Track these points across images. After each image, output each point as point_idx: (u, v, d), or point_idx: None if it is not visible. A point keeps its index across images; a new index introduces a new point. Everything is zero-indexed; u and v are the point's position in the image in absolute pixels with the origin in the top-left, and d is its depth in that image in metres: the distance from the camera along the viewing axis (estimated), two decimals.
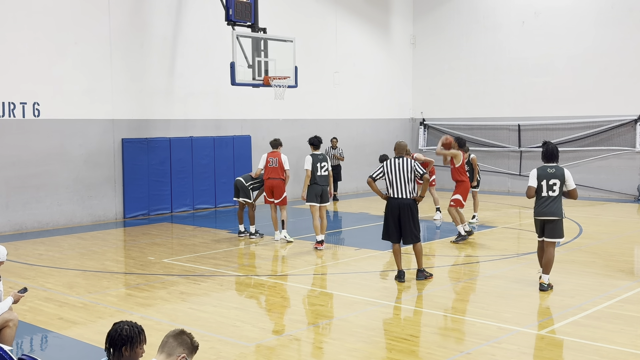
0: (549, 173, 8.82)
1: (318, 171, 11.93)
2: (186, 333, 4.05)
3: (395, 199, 9.36)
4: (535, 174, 8.87)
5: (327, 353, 6.66)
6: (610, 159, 19.32)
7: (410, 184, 9.32)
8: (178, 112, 16.86)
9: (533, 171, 8.95)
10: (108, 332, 4.00)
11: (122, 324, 4.01)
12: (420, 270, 9.55)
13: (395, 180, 9.30)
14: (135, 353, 3.98)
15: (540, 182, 8.81)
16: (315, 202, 11.93)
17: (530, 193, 8.90)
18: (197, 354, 6.76)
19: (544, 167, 8.90)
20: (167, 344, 3.99)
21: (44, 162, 14.39)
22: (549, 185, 8.80)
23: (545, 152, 8.95)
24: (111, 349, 3.96)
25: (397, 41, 23.04)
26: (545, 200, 8.83)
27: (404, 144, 9.73)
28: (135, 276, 10.11)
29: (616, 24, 19.09)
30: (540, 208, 8.89)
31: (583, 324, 7.47)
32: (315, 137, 12.35)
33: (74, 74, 14.78)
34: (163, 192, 16.44)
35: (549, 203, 8.82)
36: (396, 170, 9.29)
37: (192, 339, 4.05)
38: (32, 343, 7.16)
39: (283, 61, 15.04)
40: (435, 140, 22.91)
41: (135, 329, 4.00)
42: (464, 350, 6.65)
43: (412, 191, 9.33)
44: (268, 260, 11.41)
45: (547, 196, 8.82)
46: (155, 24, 16.23)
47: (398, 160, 9.37)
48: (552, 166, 8.88)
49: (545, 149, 8.99)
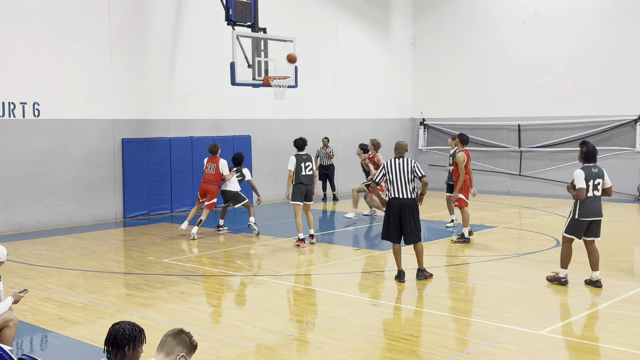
0: (593, 173, 8.86)
1: (303, 171, 12.11)
2: (185, 332, 4.06)
3: (396, 199, 9.34)
4: (582, 175, 8.82)
5: (327, 353, 6.66)
6: (610, 159, 19.31)
7: (411, 184, 9.31)
8: (178, 112, 16.86)
9: (579, 172, 8.87)
10: (108, 332, 4.00)
11: (123, 324, 4.02)
12: (420, 270, 9.56)
13: (396, 180, 9.30)
14: (137, 352, 4.00)
15: (588, 183, 8.81)
16: (299, 200, 12.11)
17: (583, 194, 8.80)
18: (196, 354, 6.76)
19: (588, 167, 8.91)
20: (166, 343, 3.99)
21: (44, 162, 14.39)
22: (594, 185, 8.84)
23: (587, 153, 8.95)
24: (112, 349, 3.96)
25: (397, 41, 23.04)
26: (592, 200, 8.85)
27: (405, 143, 9.69)
28: (135, 276, 10.11)
29: (616, 24, 19.10)
30: (588, 208, 8.85)
31: (583, 324, 7.47)
32: (300, 140, 12.51)
33: (74, 74, 14.78)
34: (163, 192, 16.44)
35: (595, 203, 8.88)
36: (396, 170, 9.29)
37: (190, 338, 4.06)
38: (32, 343, 7.16)
39: (283, 61, 15.02)
40: (435, 140, 22.94)
41: (137, 328, 4.03)
42: (464, 350, 6.65)
43: (413, 191, 9.32)
44: (268, 260, 11.41)
45: (593, 196, 8.85)
46: (155, 24, 16.23)
47: (399, 160, 9.38)
48: (595, 166, 8.95)
49: (586, 149, 8.98)
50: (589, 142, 9.21)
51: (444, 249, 12.08)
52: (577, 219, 8.93)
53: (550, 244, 12.25)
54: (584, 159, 8.97)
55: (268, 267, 10.94)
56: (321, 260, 11.19)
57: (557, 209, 16.95)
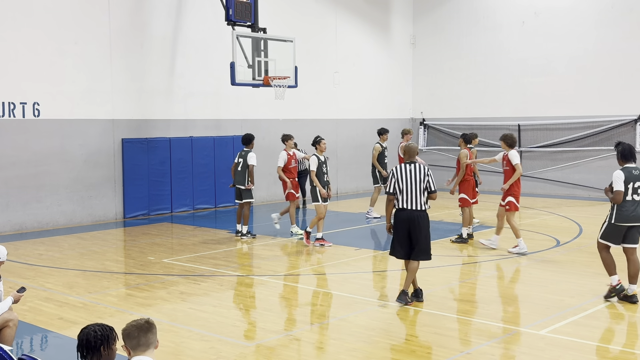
0: (634, 175, 8.09)
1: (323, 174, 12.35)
2: (144, 320, 4.06)
3: (404, 210, 8.17)
4: (622, 177, 8.04)
5: (327, 353, 6.66)
6: (611, 159, 19.27)
7: (423, 195, 8.15)
8: (178, 112, 16.86)
9: (619, 174, 8.08)
10: (79, 338, 4.04)
11: (92, 326, 4.07)
12: (404, 292, 8.29)
13: (406, 189, 8.12)
14: (112, 351, 4.05)
15: (627, 186, 8.03)
16: (320, 201, 12.26)
17: (620, 198, 8.02)
18: (196, 354, 6.77)
19: (629, 168, 8.14)
20: (139, 338, 3.98)
21: (44, 162, 14.39)
22: (634, 188, 8.05)
23: (623, 151, 8.22)
24: (88, 353, 3.99)
25: (397, 41, 23.04)
26: (632, 204, 8.05)
27: (415, 146, 8.44)
28: (135, 276, 10.11)
29: (616, 24, 19.09)
30: (627, 213, 8.05)
31: (583, 324, 7.47)
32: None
33: (74, 73, 14.78)
34: (163, 192, 16.43)
35: (636, 207, 8.06)
36: (406, 177, 8.14)
37: (145, 320, 4.05)
38: (32, 343, 7.16)
39: (283, 61, 15.04)
40: (435, 140, 22.93)
41: (107, 327, 4.08)
42: (464, 350, 6.65)
43: (425, 202, 8.18)
44: (268, 260, 11.41)
45: (632, 200, 8.05)
46: (155, 24, 16.23)
47: (409, 166, 8.20)
48: (636, 167, 8.17)
49: (622, 148, 8.26)
50: (624, 141, 8.49)
51: (444, 249, 12.07)
52: (614, 224, 8.16)
53: (550, 244, 12.25)
54: (623, 159, 8.21)
55: (268, 267, 10.93)
56: (321, 261, 11.19)
57: (557, 209, 16.96)
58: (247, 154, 13.06)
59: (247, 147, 13.21)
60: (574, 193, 19.57)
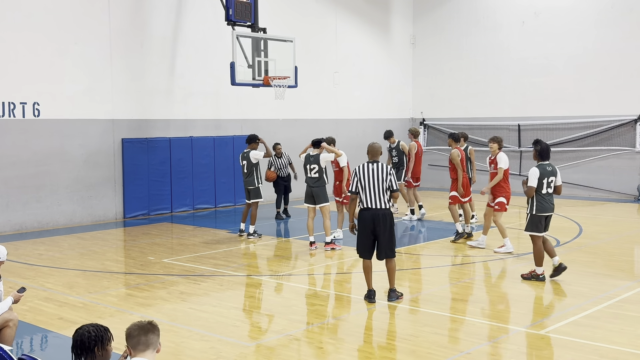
0: (548, 171, 9.23)
1: (308, 173, 12.17)
2: (145, 322, 4.07)
3: (368, 209, 8.26)
4: (537, 174, 9.17)
5: (327, 353, 6.66)
6: (610, 159, 19.31)
7: (386, 194, 8.26)
8: (178, 112, 16.86)
9: (534, 171, 9.21)
10: (73, 339, 4.02)
11: (86, 327, 4.05)
12: (392, 290, 8.49)
13: (368, 188, 8.21)
14: (107, 352, 4.04)
15: (542, 181, 9.16)
16: (307, 202, 12.20)
17: (532, 193, 9.20)
18: (196, 354, 6.78)
19: (542, 165, 9.28)
20: (139, 339, 3.98)
21: (44, 162, 14.39)
22: (548, 182, 9.20)
23: (541, 151, 9.31)
24: (82, 354, 3.98)
25: (397, 41, 23.04)
26: (547, 196, 9.24)
27: (378, 146, 8.58)
28: (135, 276, 10.11)
29: (616, 24, 19.09)
30: (544, 204, 9.22)
31: (583, 324, 7.47)
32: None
33: (74, 74, 14.78)
34: (163, 192, 16.43)
35: (549, 199, 9.27)
36: (369, 176, 8.22)
37: (149, 323, 4.07)
38: (32, 343, 7.16)
39: (283, 61, 15.03)
40: (435, 140, 22.92)
41: (101, 328, 4.07)
42: (464, 350, 6.65)
43: (388, 201, 8.29)
44: (268, 260, 11.40)
45: (547, 192, 9.24)
46: (155, 24, 16.23)
47: (372, 165, 8.31)
48: (549, 164, 9.30)
49: (540, 147, 9.32)
50: (542, 140, 9.48)
51: (444, 249, 12.07)
52: (536, 215, 9.23)
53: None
54: (539, 157, 9.32)
55: (268, 267, 10.93)
56: (321, 261, 11.19)
57: (557, 209, 16.83)
58: (248, 153, 13.04)
59: (249, 147, 13.18)
60: (574, 193, 19.56)
